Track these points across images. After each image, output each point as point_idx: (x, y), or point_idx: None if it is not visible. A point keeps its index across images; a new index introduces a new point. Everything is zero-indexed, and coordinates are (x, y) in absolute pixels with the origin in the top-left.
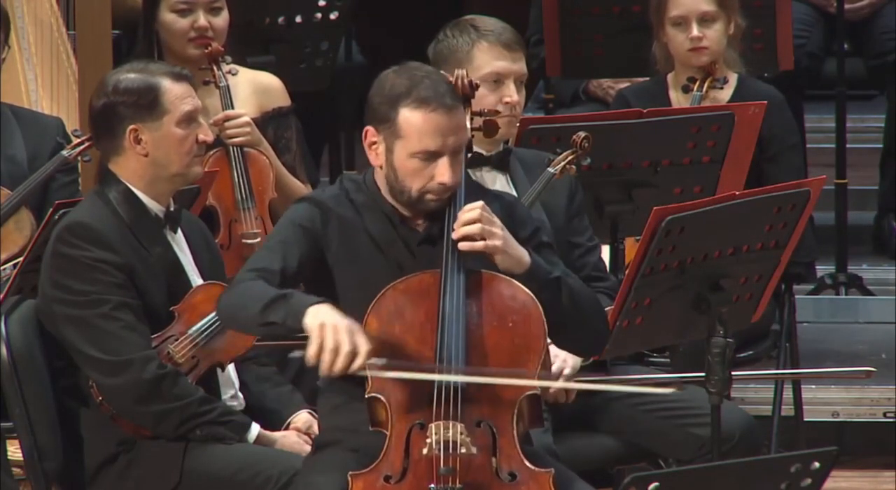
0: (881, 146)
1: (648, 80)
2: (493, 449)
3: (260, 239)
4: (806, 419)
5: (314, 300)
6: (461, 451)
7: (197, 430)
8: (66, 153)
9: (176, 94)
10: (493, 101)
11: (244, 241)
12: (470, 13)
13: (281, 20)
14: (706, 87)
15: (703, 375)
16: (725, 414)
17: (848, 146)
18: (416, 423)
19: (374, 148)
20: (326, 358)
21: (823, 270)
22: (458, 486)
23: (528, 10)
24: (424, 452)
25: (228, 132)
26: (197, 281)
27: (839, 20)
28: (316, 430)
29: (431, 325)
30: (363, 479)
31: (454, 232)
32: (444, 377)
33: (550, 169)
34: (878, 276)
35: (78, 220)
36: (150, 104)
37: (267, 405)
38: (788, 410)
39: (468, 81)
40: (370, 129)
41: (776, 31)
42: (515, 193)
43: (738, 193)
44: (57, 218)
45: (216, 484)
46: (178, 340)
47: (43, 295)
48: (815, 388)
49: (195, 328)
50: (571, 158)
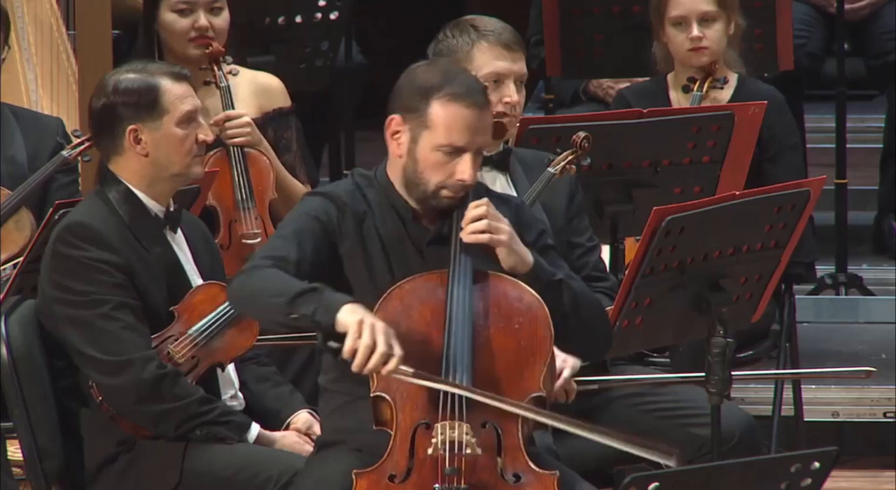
0: (881, 146)
1: (648, 80)
2: (497, 450)
3: (260, 239)
4: (806, 419)
5: (348, 298)
6: (466, 451)
7: (197, 430)
8: (66, 153)
9: (175, 94)
10: (493, 101)
11: (244, 241)
12: (470, 13)
13: (281, 20)
14: (706, 87)
15: (703, 375)
16: (725, 414)
17: (848, 146)
18: (421, 422)
19: (396, 137)
20: (363, 354)
21: (823, 270)
22: (463, 486)
23: (528, 10)
24: (430, 452)
25: (229, 132)
26: (197, 281)
27: (839, 20)
28: (316, 430)
29: (438, 325)
30: (367, 477)
31: (462, 228)
32: (466, 393)
33: (550, 169)
34: (878, 276)
35: (78, 220)
36: (149, 104)
37: (267, 405)
38: (788, 410)
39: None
40: (396, 117)
41: (776, 31)
42: (515, 193)
43: (738, 193)
44: (57, 218)
45: (216, 484)
46: (177, 340)
47: (43, 295)
48: (815, 388)
49: (195, 328)
50: (571, 158)
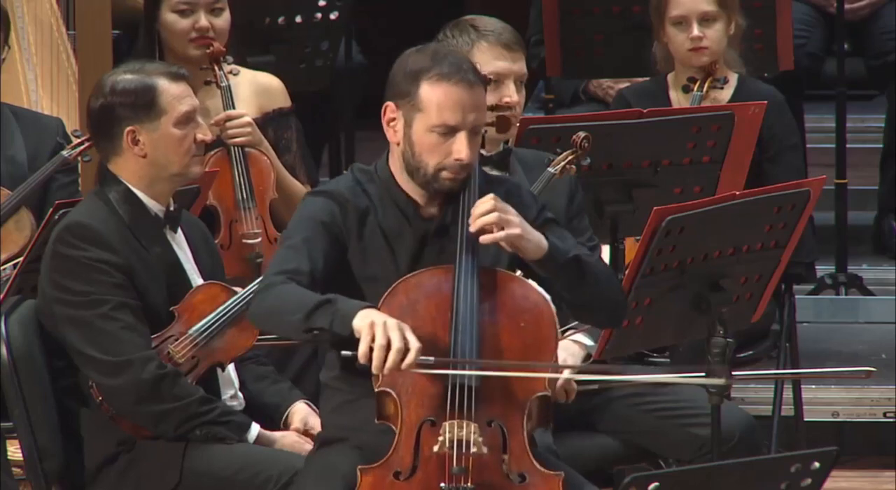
0: (881, 146)
1: (648, 80)
2: (503, 449)
3: (260, 239)
4: (806, 419)
5: (362, 304)
6: (473, 450)
7: (197, 430)
8: (66, 153)
9: (173, 94)
10: (492, 101)
11: (244, 241)
12: (470, 13)
13: (281, 20)
14: (706, 87)
15: (703, 375)
16: (725, 414)
17: (848, 146)
18: (426, 419)
19: (392, 124)
20: (379, 355)
21: (823, 270)
22: (469, 485)
23: (528, 10)
24: (435, 450)
25: (229, 132)
26: (197, 281)
27: (839, 20)
28: (313, 422)
29: (444, 320)
30: (373, 473)
31: (471, 224)
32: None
33: (550, 169)
34: (878, 276)
35: (77, 220)
36: (147, 105)
37: (266, 401)
38: (788, 410)
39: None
40: (389, 104)
41: (776, 31)
42: None
43: (738, 193)
44: (57, 218)
45: (216, 484)
46: (177, 340)
47: (43, 295)
48: (815, 388)
49: (195, 328)
50: (571, 158)
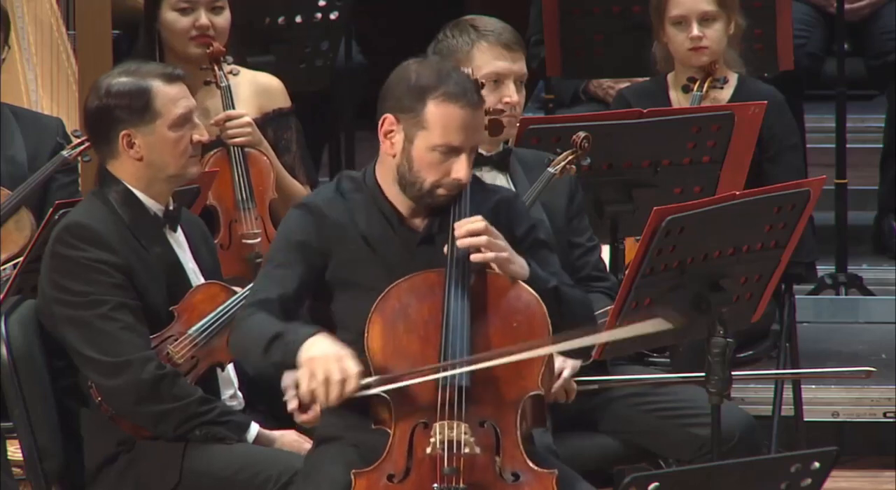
0: (881, 146)
1: (648, 80)
2: (496, 449)
3: (260, 239)
4: (806, 419)
5: (306, 334)
6: (465, 450)
7: (196, 430)
8: (66, 153)
9: (168, 96)
10: (492, 101)
11: (244, 241)
12: (470, 13)
13: (281, 20)
14: (706, 87)
15: (703, 375)
16: (725, 414)
17: (848, 146)
18: (419, 422)
19: (390, 136)
20: (321, 391)
21: (823, 270)
22: (461, 486)
23: (528, 10)
24: (428, 452)
25: (229, 132)
26: (197, 280)
27: (839, 20)
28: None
29: (435, 323)
30: (367, 477)
31: (458, 240)
32: (442, 375)
33: (550, 169)
34: (878, 276)
35: (76, 220)
36: (142, 108)
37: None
38: (788, 410)
39: (474, 80)
40: (390, 117)
41: (776, 31)
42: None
43: (738, 193)
44: (57, 218)
45: (216, 484)
46: (177, 340)
47: (43, 295)
48: (815, 388)
49: (195, 328)
50: (571, 158)
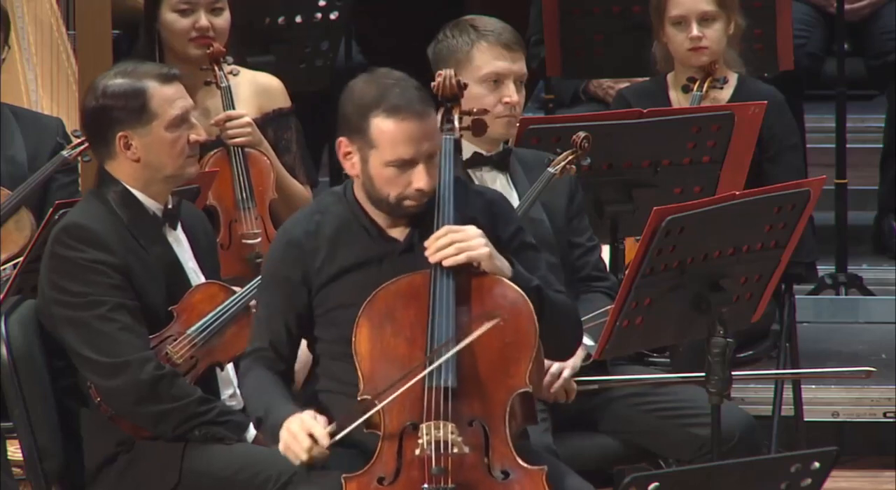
0: (881, 146)
1: (648, 80)
2: (485, 448)
3: (260, 239)
4: (806, 419)
5: (282, 418)
6: (453, 450)
7: (195, 430)
8: (66, 153)
9: (164, 97)
10: (492, 101)
11: (244, 241)
12: (470, 13)
13: (281, 20)
14: (706, 87)
15: (703, 375)
16: (725, 414)
17: (848, 146)
18: (408, 424)
19: (348, 158)
20: (293, 456)
21: (823, 270)
22: (450, 485)
23: (528, 10)
24: (417, 453)
25: (229, 132)
26: (197, 279)
27: (839, 20)
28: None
29: (422, 325)
30: (357, 481)
31: (430, 258)
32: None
33: (550, 169)
34: (878, 276)
35: (74, 221)
36: (138, 109)
37: None
38: (788, 410)
39: (455, 81)
40: (343, 140)
41: (776, 31)
42: (515, 193)
43: (738, 193)
44: (57, 218)
45: (215, 484)
46: (176, 340)
47: (42, 295)
48: (815, 388)
49: (194, 328)
50: (571, 158)
